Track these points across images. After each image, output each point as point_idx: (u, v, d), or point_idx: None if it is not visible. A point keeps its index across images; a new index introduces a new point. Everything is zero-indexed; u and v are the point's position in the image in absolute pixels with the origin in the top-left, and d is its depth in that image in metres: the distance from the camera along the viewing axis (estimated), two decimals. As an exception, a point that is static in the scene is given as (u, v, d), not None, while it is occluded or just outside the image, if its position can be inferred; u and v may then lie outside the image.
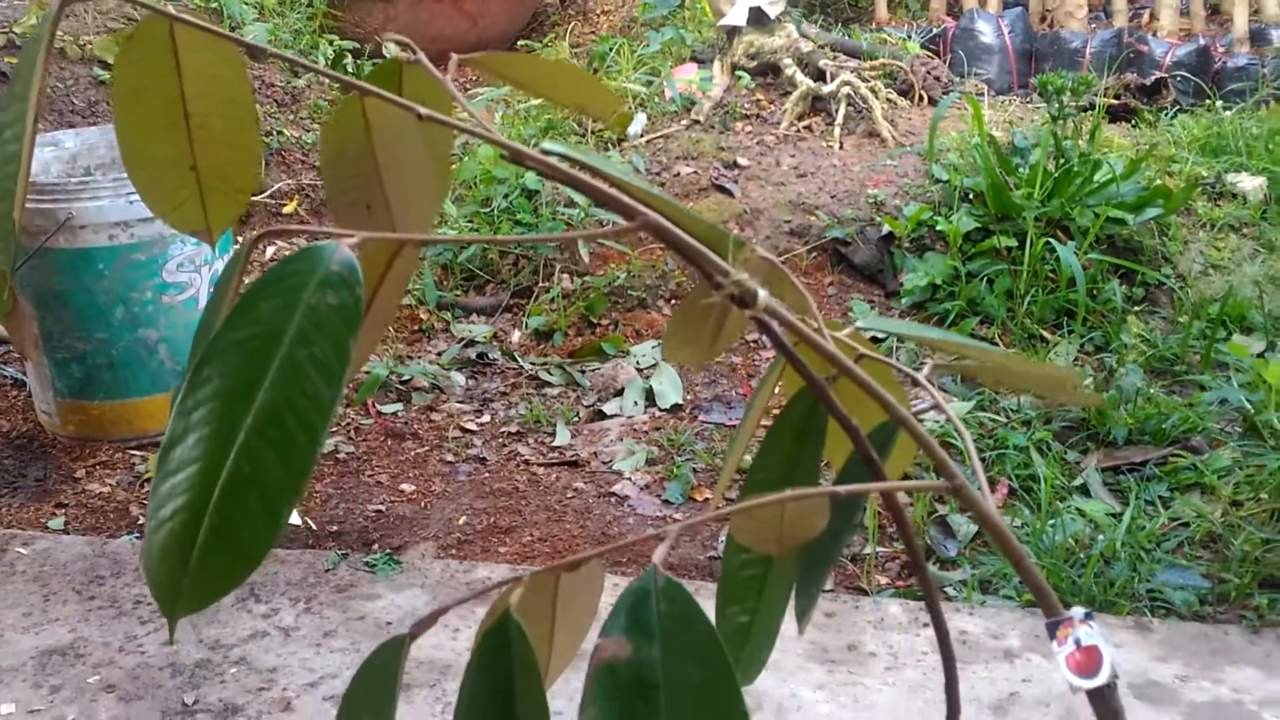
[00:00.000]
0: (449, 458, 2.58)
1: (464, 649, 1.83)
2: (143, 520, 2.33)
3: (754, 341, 3.06)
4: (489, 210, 3.42)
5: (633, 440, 2.64)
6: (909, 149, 3.63)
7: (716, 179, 3.49)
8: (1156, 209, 3.15)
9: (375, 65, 1.15)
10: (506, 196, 3.42)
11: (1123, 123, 4.35)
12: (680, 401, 2.80)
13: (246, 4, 4.25)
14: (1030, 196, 3.14)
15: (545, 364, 2.99)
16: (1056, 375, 1.16)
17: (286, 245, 3.24)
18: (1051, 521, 2.18)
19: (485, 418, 2.76)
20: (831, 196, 3.41)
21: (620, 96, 3.94)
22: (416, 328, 3.17)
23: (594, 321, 3.14)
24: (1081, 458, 2.49)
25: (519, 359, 3.01)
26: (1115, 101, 4.40)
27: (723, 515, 1.10)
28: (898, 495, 1.05)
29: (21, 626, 1.94)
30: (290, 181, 3.78)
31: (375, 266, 0.93)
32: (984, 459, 2.47)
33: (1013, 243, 3.10)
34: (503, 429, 2.70)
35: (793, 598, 1.08)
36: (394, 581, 2.05)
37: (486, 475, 2.52)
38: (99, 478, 2.46)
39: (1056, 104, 3.38)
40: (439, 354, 3.03)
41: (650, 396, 2.82)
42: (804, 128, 3.78)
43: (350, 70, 4.31)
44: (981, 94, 4.36)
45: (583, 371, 2.94)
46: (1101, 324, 2.97)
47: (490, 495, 2.43)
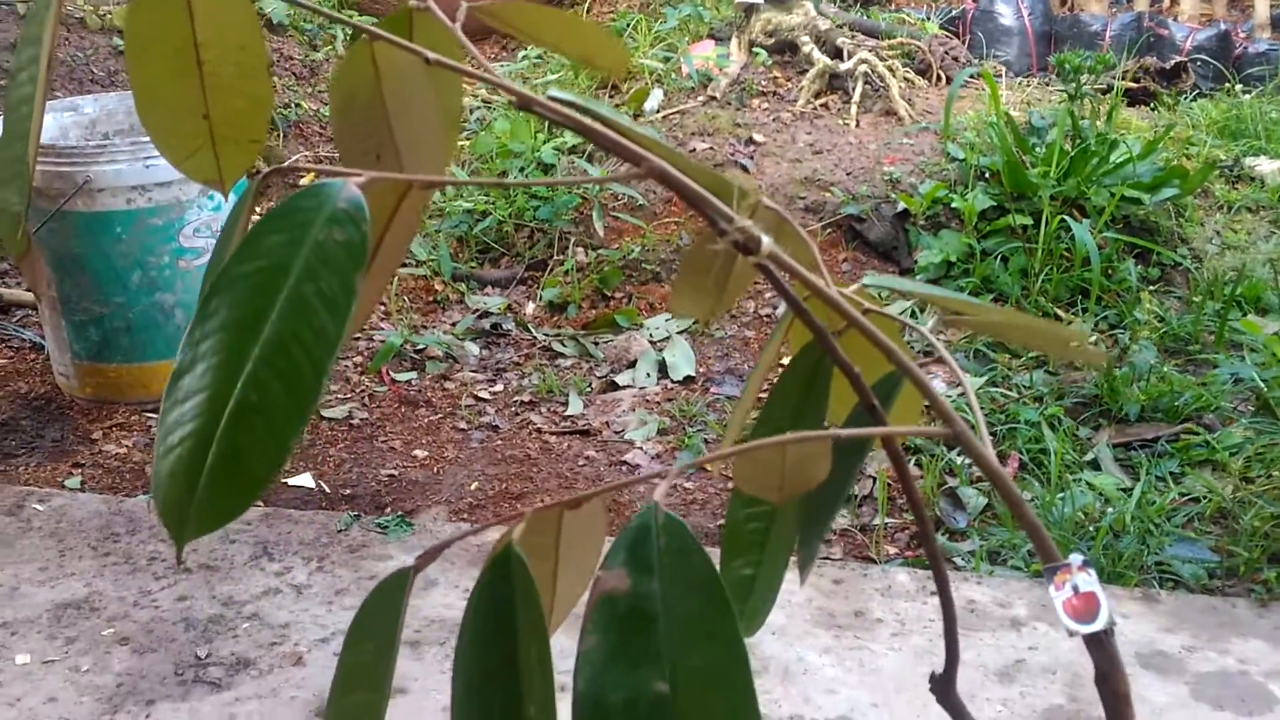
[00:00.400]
0: (462, 425, 2.60)
1: (473, 610, 1.84)
2: (158, 482, 2.35)
3: (767, 315, 3.06)
4: (505, 183, 3.42)
5: (645, 411, 2.65)
6: (925, 125, 3.62)
7: (732, 155, 3.49)
8: (1173, 189, 3.14)
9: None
10: (522, 170, 3.43)
11: (1142, 106, 4.34)
12: (693, 374, 2.81)
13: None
14: (1046, 175, 3.14)
15: (559, 335, 3.00)
16: (1059, 331, 1.17)
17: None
18: (1061, 494, 2.19)
19: (498, 387, 2.77)
20: (847, 174, 3.41)
21: (637, 72, 3.94)
22: (432, 299, 3.18)
23: (608, 294, 3.15)
24: (1093, 434, 2.49)
25: (533, 330, 3.02)
26: (1134, 85, 4.38)
27: (725, 455, 1.11)
28: (912, 479, 1.06)
29: (37, 580, 1.96)
30: (308, 154, 3.79)
31: (382, 209, 0.94)
32: (995, 433, 2.47)
33: (1028, 221, 3.10)
34: (516, 398, 2.71)
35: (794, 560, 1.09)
36: (405, 543, 2.07)
37: (499, 443, 2.53)
38: (115, 439, 2.48)
39: (1074, 83, 3.37)
40: (453, 324, 3.04)
41: (663, 368, 2.83)
42: (820, 105, 3.77)
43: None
44: (1000, 75, 4.35)
45: (596, 343, 2.95)
46: (1116, 303, 2.97)
47: (502, 462, 2.44)
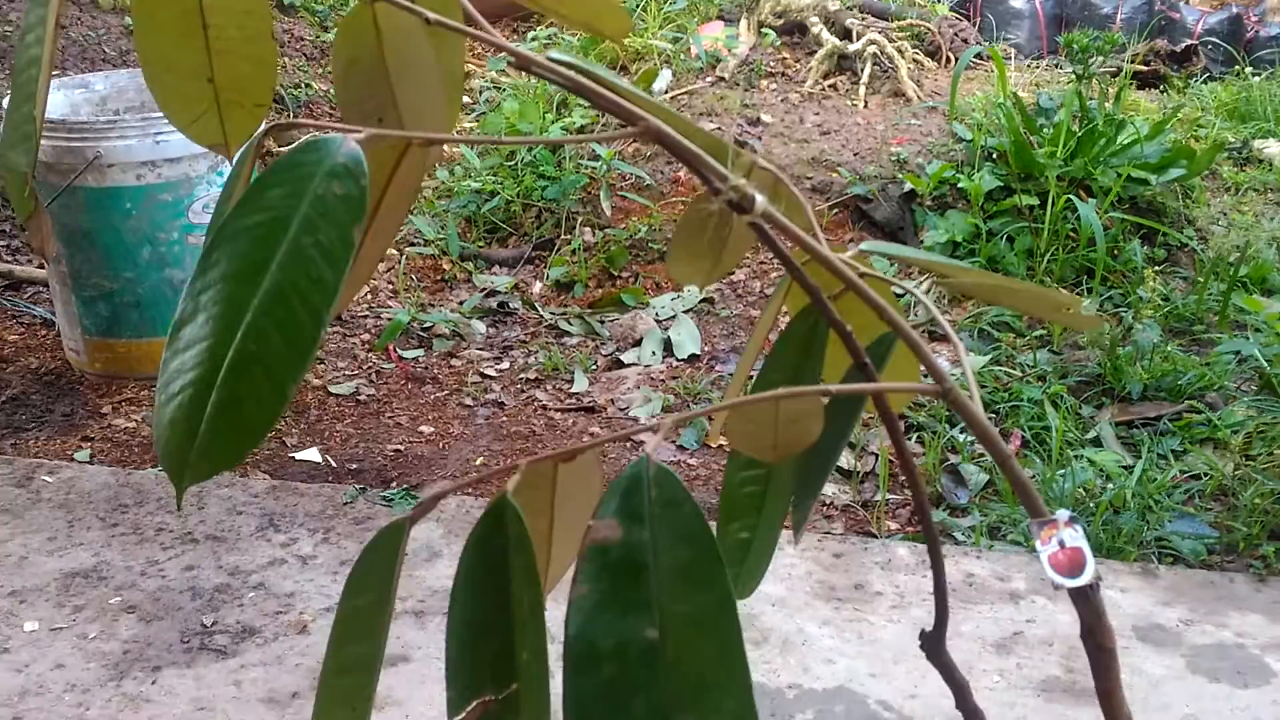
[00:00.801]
0: (468, 402, 2.62)
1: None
2: (166, 455, 2.37)
3: (772, 294, 3.07)
4: (513, 163, 3.44)
5: (649, 388, 2.66)
6: (933, 105, 3.63)
7: (740, 135, 3.50)
8: (1179, 169, 3.14)
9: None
10: (530, 150, 3.44)
11: (1152, 89, 4.34)
12: (698, 352, 2.82)
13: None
14: (1053, 156, 3.14)
15: (565, 314, 3.01)
16: (1053, 296, 1.17)
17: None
18: (1062, 471, 2.20)
19: (505, 364, 2.79)
20: (854, 154, 3.41)
21: (646, 53, 3.95)
22: (439, 278, 3.20)
23: (614, 274, 3.16)
24: (1096, 412, 2.50)
25: (539, 309, 3.04)
26: (1145, 68, 4.38)
27: (718, 409, 1.12)
28: (903, 436, 1.07)
29: (46, 550, 1.98)
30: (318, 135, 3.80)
31: (382, 168, 0.96)
32: (998, 411, 2.48)
33: (1034, 201, 3.10)
34: (521, 375, 2.73)
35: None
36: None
37: (504, 419, 2.55)
38: (125, 413, 2.51)
39: (1081, 62, 3.37)
40: (460, 303, 3.06)
41: (668, 347, 2.84)
42: (829, 86, 3.78)
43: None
44: (1009, 58, 4.34)
45: (602, 322, 2.96)
46: (1122, 283, 2.97)
47: (507, 438, 2.46)
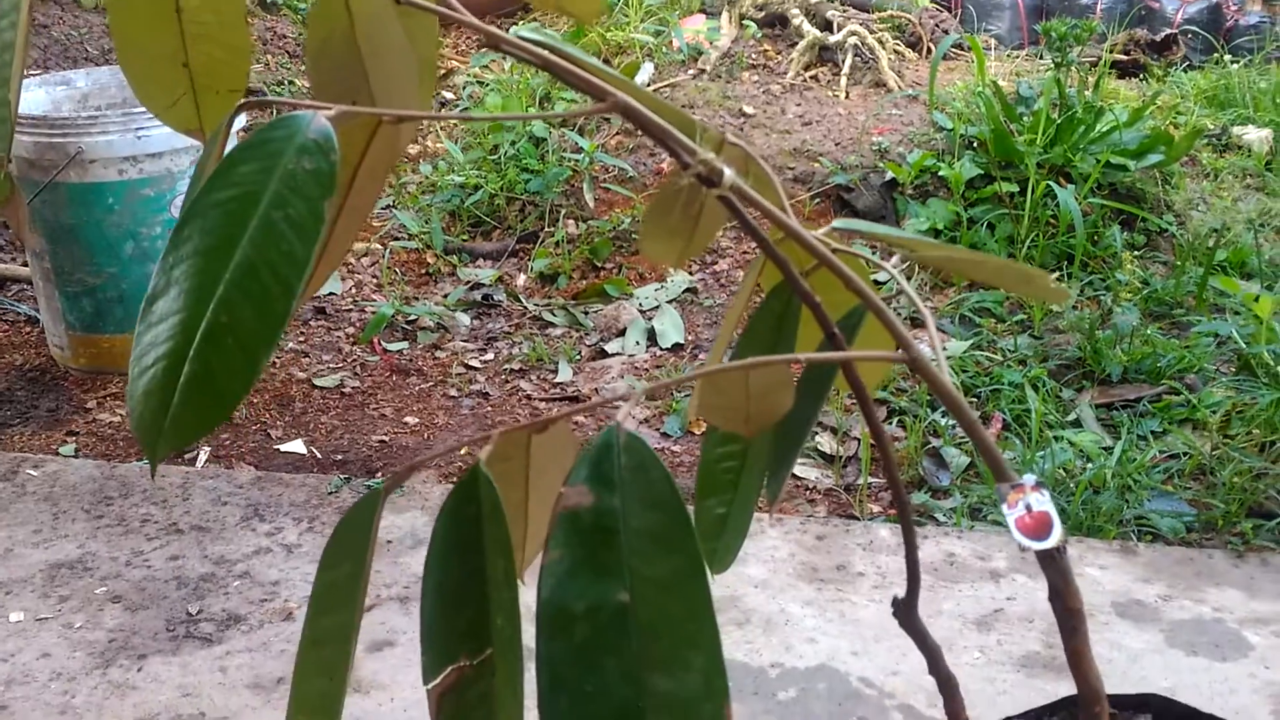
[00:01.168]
0: (452, 393, 2.63)
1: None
2: (151, 448, 2.38)
3: (757, 285, 3.08)
4: (496, 157, 3.45)
5: (634, 377, 2.67)
6: (912, 94, 3.65)
7: (722, 127, 3.51)
8: (1158, 155, 3.16)
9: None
10: (514, 144, 3.46)
11: (1132, 78, 4.36)
12: (681, 341, 2.83)
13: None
14: (1033, 143, 3.16)
15: (549, 305, 3.03)
16: (1020, 269, 1.19)
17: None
18: (1041, 453, 2.22)
19: (489, 356, 2.80)
20: (836, 144, 3.43)
21: (628, 46, 3.96)
22: (424, 271, 3.21)
23: (598, 265, 3.17)
24: (1076, 395, 2.52)
25: (523, 301, 3.05)
26: (1125, 57, 4.40)
27: (689, 379, 1.13)
28: (871, 403, 1.09)
29: (31, 542, 1.99)
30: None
31: (353, 146, 0.97)
32: (979, 395, 2.50)
33: (1014, 188, 3.12)
34: (506, 366, 2.74)
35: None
36: (395, 504, 2.10)
37: (489, 409, 2.56)
38: (109, 408, 2.51)
39: (1060, 50, 3.39)
40: (445, 296, 3.07)
41: (652, 336, 2.86)
42: (810, 78, 3.79)
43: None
44: (990, 48, 4.36)
45: (586, 312, 2.97)
46: (1102, 269, 2.99)
47: (492, 428, 2.47)
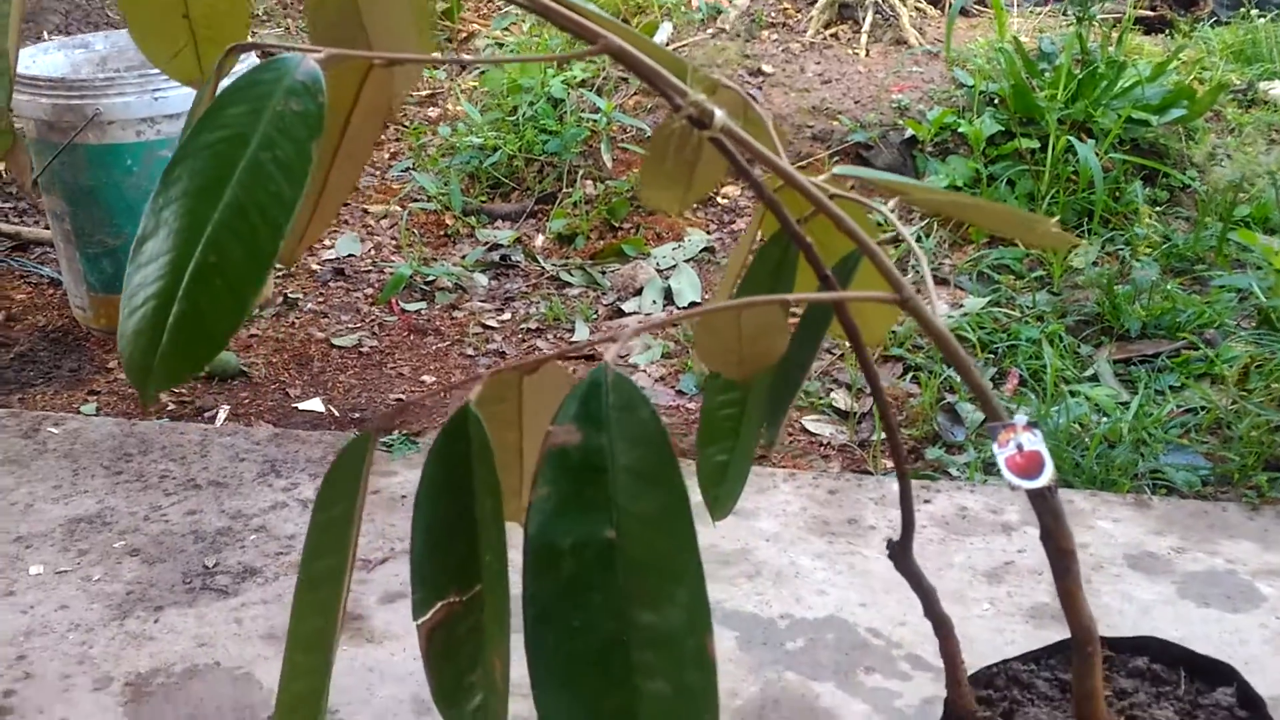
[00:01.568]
0: (469, 352, 2.64)
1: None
2: (172, 406, 2.41)
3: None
4: (515, 118, 3.45)
5: (649, 336, 2.68)
6: (931, 50, 3.62)
7: (741, 86, 3.49)
8: (1180, 110, 3.12)
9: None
10: (532, 104, 3.45)
11: (1157, 34, 4.30)
12: (699, 300, 2.83)
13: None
14: (1054, 99, 3.13)
15: (566, 265, 3.03)
16: (1021, 214, 1.19)
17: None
18: (1056, 407, 2.21)
19: (506, 315, 2.81)
20: (855, 102, 3.41)
21: (647, 6, 3.94)
22: (442, 233, 3.22)
23: (615, 225, 3.17)
24: (1094, 351, 2.51)
25: (541, 261, 3.05)
26: (1150, 13, 4.34)
27: (680, 318, 1.13)
28: (865, 346, 1.09)
29: (51, 498, 2.02)
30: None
31: (346, 90, 0.98)
32: (996, 351, 2.49)
33: (1035, 145, 3.09)
34: (523, 325, 2.75)
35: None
36: (410, 460, 2.11)
37: (505, 368, 2.57)
38: (130, 368, 2.54)
39: (1082, 4, 3.35)
40: (463, 257, 3.08)
41: (669, 295, 2.86)
42: (830, 35, 3.77)
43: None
44: (1012, 4, 4.32)
45: (603, 272, 2.97)
46: (1123, 225, 2.97)
47: (508, 386, 2.48)
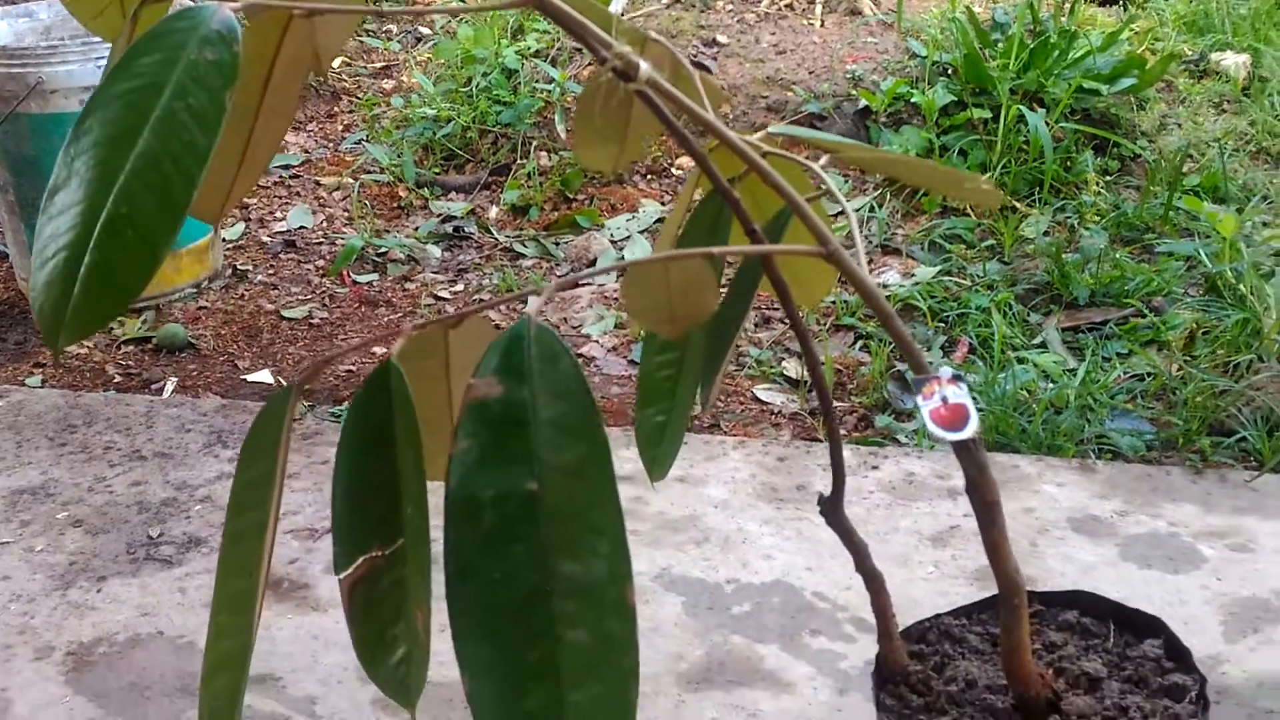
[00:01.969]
0: (421, 323, 2.62)
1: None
2: (118, 378, 2.38)
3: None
4: (468, 89, 3.43)
5: (602, 306, 2.67)
6: (884, 19, 3.62)
7: (695, 57, 3.49)
8: (1131, 79, 3.14)
9: None
10: (486, 75, 3.43)
11: (1111, 4, 4.32)
12: (652, 270, 2.83)
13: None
14: (1006, 69, 3.14)
15: (520, 237, 3.02)
16: (951, 172, 1.19)
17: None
18: (1003, 373, 2.22)
19: (459, 287, 2.80)
20: (810, 73, 3.40)
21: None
22: (395, 205, 3.20)
23: (570, 196, 3.16)
24: (1043, 319, 2.52)
25: (495, 233, 3.04)
26: (1105, -16, 4.36)
27: (607, 270, 1.12)
28: (792, 299, 1.08)
29: (-6, 470, 2.00)
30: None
31: (266, 41, 0.97)
32: (946, 320, 2.50)
33: (987, 115, 3.10)
34: (476, 297, 2.74)
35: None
36: (358, 430, 2.10)
37: (457, 338, 2.56)
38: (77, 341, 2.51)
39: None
40: (416, 229, 3.06)
41: (622, 266, 2.85)
42: (785, 6, 3.76)
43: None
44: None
45: (557, 244, 2.96)
46: (1074, 194, 2.98)
47: (459, 356, 2.47)
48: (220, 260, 2.84)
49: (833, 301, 2.60)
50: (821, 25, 3.67)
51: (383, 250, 2.93)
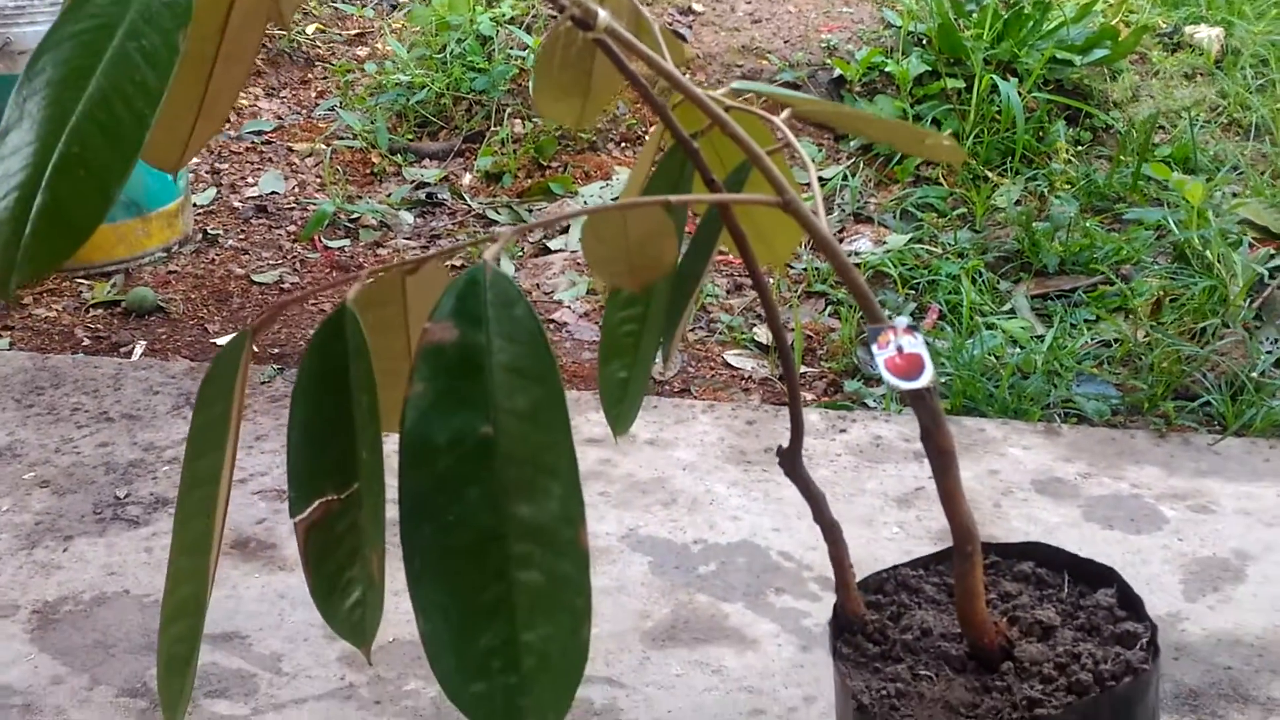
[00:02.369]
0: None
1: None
2: (87, 342, 2.37)
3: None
4: (442, 55, 3.41)
5: (575, 273, 2.67)
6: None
7: (671, 25, 3.48)
8: (1104, 50, 3.15)
9: None
10: (460, 42, 3.42)
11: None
12: (624, 237, 2.83)
13: None
14: (980, 38, 3.14)
15: (493, 204, 3.01)
16: (910, 129, 1.20)
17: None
18: (971, 339, 2.23)
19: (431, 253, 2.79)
20: (785, 41, 3.40)
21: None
22: (368, 171, 3.19)
23: (544, 163, 3.15)
24: (1013, 287, 2.53)
25: (468, 199, 3.03)
26: (1081, -44, 4.36)
27: (564, 217, 1.13)
28: (749, 243, 1.09)
29: (-40, 431, 1.99)
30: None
31: (222, -10, 0.96)
32: (917, 287, 2.51)
33: (961, 84, 3.11)
34: (448, 263, 2.73)
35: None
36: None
37: (428, 304, 2.56)
38: (46, 304, 2.50)
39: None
40: (389, 195, 3.05)
41: (595, 233, 2.85)
42: (761, -25, 3.75)
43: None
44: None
45: (530, 210, 2.96)
46: (1045, 164, 2.99)
47: (431, 322, 2.47)
48: (191, 225, 2.82)
49: (804, 269, 2.60)
50: (797, -6, 3.66)
51: (355, 216, 2.92)
